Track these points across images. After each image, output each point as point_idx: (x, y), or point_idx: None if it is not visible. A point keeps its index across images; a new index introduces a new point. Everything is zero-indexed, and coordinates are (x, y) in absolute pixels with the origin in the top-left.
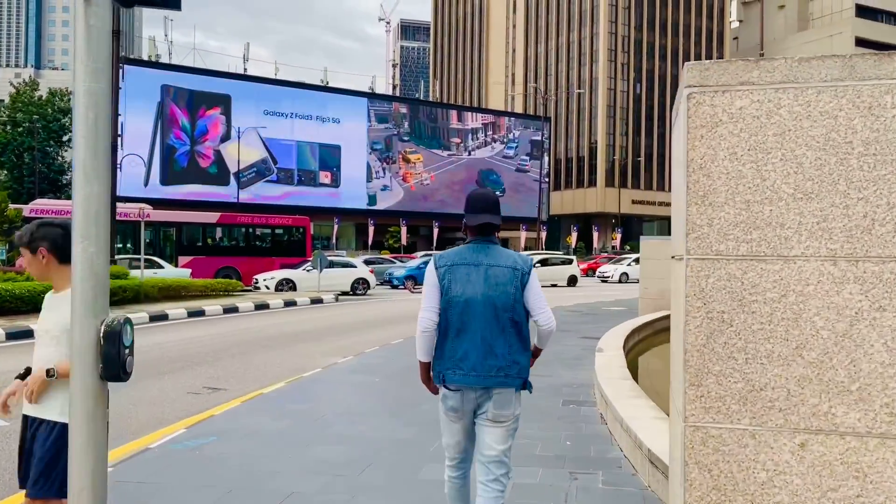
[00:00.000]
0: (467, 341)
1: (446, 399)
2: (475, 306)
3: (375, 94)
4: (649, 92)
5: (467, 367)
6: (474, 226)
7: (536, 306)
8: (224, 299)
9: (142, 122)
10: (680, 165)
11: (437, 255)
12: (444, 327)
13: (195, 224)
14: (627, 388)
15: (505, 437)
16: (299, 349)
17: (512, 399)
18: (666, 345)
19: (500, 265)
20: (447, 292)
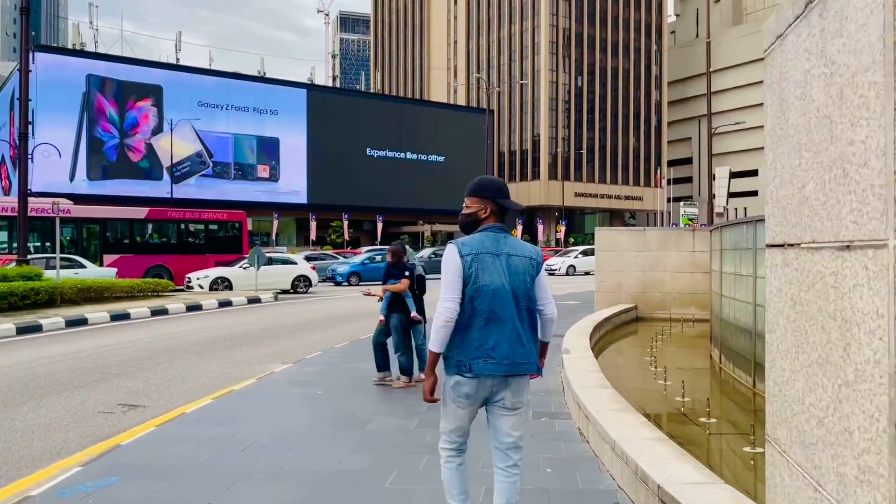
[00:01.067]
0: (498, 330)
1: (460, 386)
2: (504, 295)
3: (315, 85)
4: (590, 84)
5: (500, 355)
6: (502, 209)
7: (543, 296)
8: (152, 300)
9: (66, 114)
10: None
11: (459, 243)
12: (468, 316)
13: (121, 220)
14: (608, 399)
15: (521, 422)
16: (233, 355)
17: (527, 385)
18: (628, 339)
19: (519, 255)
20: (475, 281)
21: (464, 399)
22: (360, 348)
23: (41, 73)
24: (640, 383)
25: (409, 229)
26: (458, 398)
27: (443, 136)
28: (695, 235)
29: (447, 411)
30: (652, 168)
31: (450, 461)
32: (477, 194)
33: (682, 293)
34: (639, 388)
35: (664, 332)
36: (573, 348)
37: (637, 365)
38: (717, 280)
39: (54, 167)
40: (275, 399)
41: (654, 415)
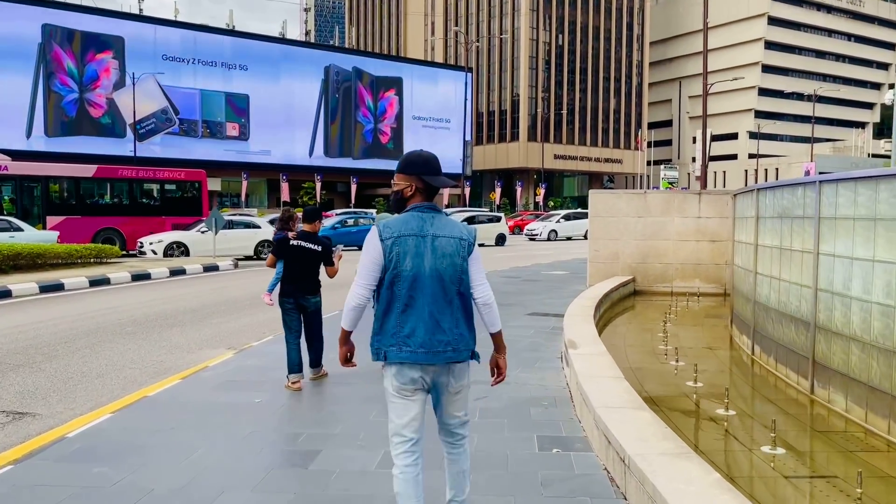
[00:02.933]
0: (414, 317)
1: (402, 374)
2: (423, 280)
3: (287, 39)
4: (571, 44)
5: (415, 343)
6: (433, 188)
7: (476, 278)
8: (94, 269)
9: (20, 67)
10: None
11: (381, 225)
12: (387, 302)
13: (66, 178)
14: (651, 431)
15: (465, 400)
16: (171, 338)
17: (466, 370)
18: (630, 317)
19: (446, 235)
20: (395, 266)
21: (410, 384)
22: (325, 332)
23: None
24: (662, 383)
25: (384, 191)
26: (404, 385)
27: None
28: (701, 199)
29: (392, 405)
30: (632, 130)
31: (406, 471)
32: (403, 171)
33: (686, 264)
34: (664, 391)
35: (670, 309)
36: (579, 339)
37: (650, 353)
38: (747, 253)
39: (9, 123)
40: (196, 413)
41: (705, 448)
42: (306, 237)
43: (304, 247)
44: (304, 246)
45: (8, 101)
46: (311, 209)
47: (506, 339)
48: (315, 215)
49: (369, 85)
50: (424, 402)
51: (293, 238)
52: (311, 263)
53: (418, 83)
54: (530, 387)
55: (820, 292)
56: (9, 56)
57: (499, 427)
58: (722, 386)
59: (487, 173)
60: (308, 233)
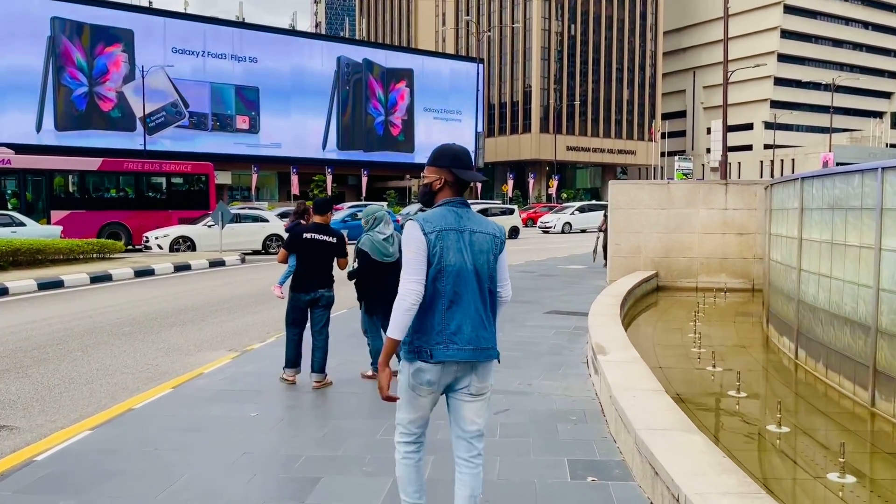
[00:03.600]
0: (460, 313)
1: (421, 373)
2: (466, 275)
3: (296, 31)
4: (584, 35)
5: (462, 340)
6: (459, 181)
7: (502, 277)
8: (96, 264)
9: (30, 60)
10: None
11: (421, 219)
12: (430, 299)
13: (71, 172)
14: (707, 462)
15: (485, 408)
16: (169, 339)
17: (492, 370)
18: (655, 314)
19: (482, 231)
20: (439, 261)
21: (426, 386)
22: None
23: (2, 15)
24: (701, 391)
25: (395, 184)
26: (420, 386)
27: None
28: (728, 190)
29: (406, 400)
30: (646, 121)
31: (408, 457)
32: (433, 163)
33: (712, 258)
34: (704, 401)
35: (698, 307)
36: (607, 342)
37: (683, 357)
38: (788, 248)
39: (19, 117)
40: (184, 430)
41: (766, 474)
42: (320, 229)
43: (318, 240)
44: (318, 239)
45: (17, 96)
46: (322, 200)
47: (522, 343)
48: (327, 206)
49: (380, 77)
50: (436, 401)
51: (306, 231)
52: (326, 256)
53: (430, 75)
54: (555, 398)
55: (882, 293)
56: (19, 50)
57: (523, 448)
58: (766, 395)
59: (499, 165)
60: (321, 224)
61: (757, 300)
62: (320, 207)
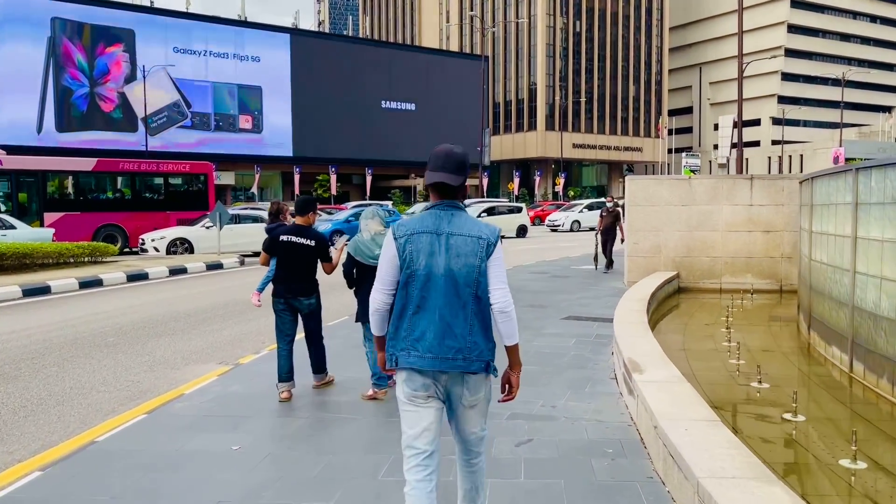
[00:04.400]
0: (425, 319)
1: (412, 380)
2: (436, 280)
3: (299, 29)
4: (589, 31)
5: (423, 347)
6: (429, 185)
7: (494, 281)
8: (87, 269)
9: (30, 61)
10: None
11: (395, 225)
12: (402, 304)
13: (64, 172)
14: None
15: (483, 414)
16: (155, 350)
17: (483, 381)
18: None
19: (462, 234)
20: (409, 265)
21: (421, 390)
22: (328, 341)
23: (1, 15)
24: (754, 415)
25: (399, 183)
26: (413, 394)
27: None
28: (753, 185)
29: (404, 414)
30: (652, 118)
31: (418, 486)
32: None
33: (737, 258)
34: (759, 431)
35: (727, 311)
36: (641, 357)
37: (722, 370)
38: (838, 248)
39: (20, 118)
40: (151, 469)
41: None
42: (297, 231)
43: (294, 242)
44: (294, 241)
45: (18, 97)
46: (303, 199)
47: (542, 354)
48: (308, 206)
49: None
50: (440, 413)
51: (284, 233)
52: (304, 261)
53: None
54: (585, 423)
55: None
56: (19, 50)
57: (554, 495)
58: (825, 418)
59: (504, 163)
60: (300, 226)
61: (787, 302)
62: (300, 208)
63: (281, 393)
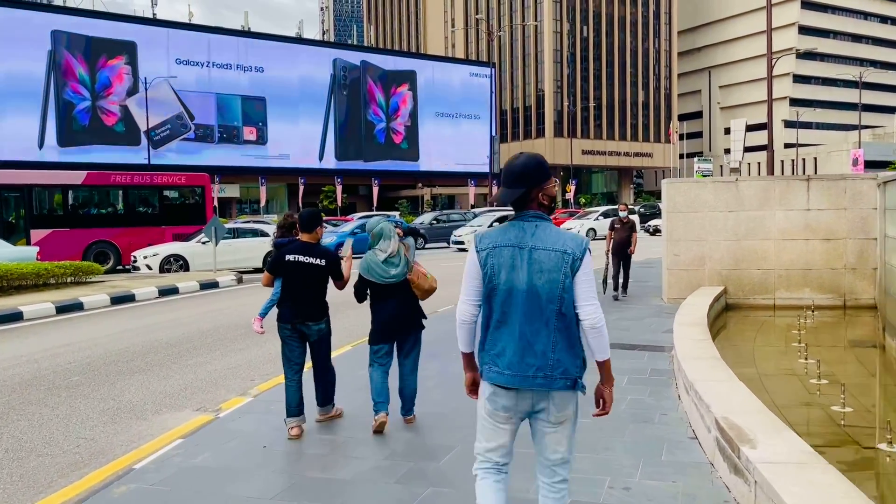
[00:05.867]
0: (506, 335)
1: (496, 398)
2: (517, 295)
3: (303, 39)
4: (596, 35)
5: (502, 364)
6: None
7: (582, 297)
8: (69, 290)
9: (31, 75)
10: None
11: (479, 236)
12: (485, 318)
13: (52, 187)
14: None
15: (570, 435)
16: (122, 392)
17: (570, 399)
18: (732, 341)
19: (546, 248)
20: (491, 279)
21: (502, 411)
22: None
23: (1, 29)
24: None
25: (407, 193)
26: (496, 411)
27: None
28: (810, 187)
29: (483, 426)
30: (662, 123)
31: (486, 476)
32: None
33: (792, 269)
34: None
35: (798, 332)
36: (743, 419)
37: (827, 421)
38: None
39: (21, 134)
40: None
41: None
42: (305, 249)
43: (302, 262)
44: (301, 261)
45: (19, 111)
46: (309, 213)
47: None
48: (314, 221)
49: (380, 80)
50: (516, 430)
51: (290, 252)
52: (313, 282)
53: (439, 80)
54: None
55: None
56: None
57: None
58: None
59: None
60: (307, 244)
61: (856, 320)
62: (306, 223)
63: (290, 429)
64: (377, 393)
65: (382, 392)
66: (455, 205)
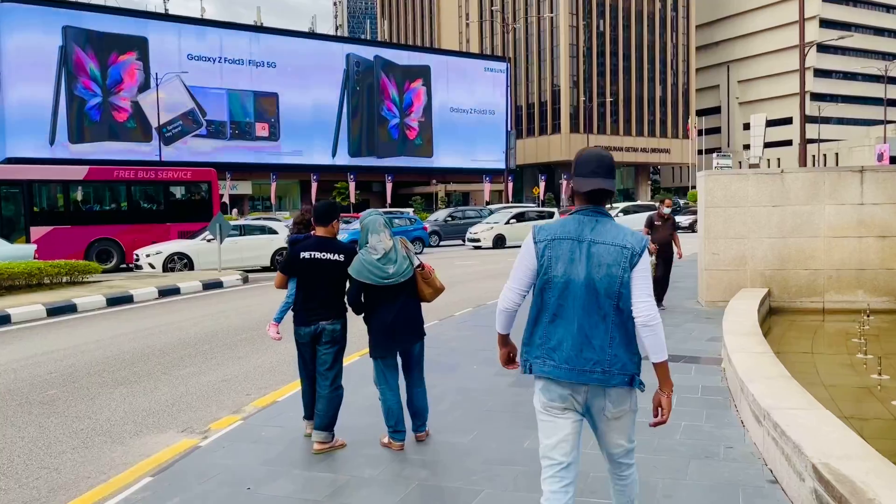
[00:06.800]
0: (563, 328)
1: (548, 390)
2: (575, 289)
3: (316, 34)
4: (613, 30)
5: (559, 358)
6: (584, 192)
7: (637, 293)
8: (64, 291)
9: (42, 71)
10: None
11: (537, 228)
12: (537, 310)
13: (52, 182)
14: None
15: (631, 426)
16: (102, 407)
17: (627, 394)
18: (788, 351)
19: (606, 242)
20: (546, 271)
21: (558, 401)
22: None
23: (12, 25)
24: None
25: (421, 190)
26: (550, 403)
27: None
28: (864, 179)
29: (541, 423)
30: (679, 118)
31: (552, 498)
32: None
33: (844, 270)
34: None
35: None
36: (848, 467)
37: None
38: None
39: (32, 130)
40: None
41: None
42: (322, 245)
43: (319, 259)
44: (319, 259)
45: (30, 108)
46: (324, 206)
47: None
48: (331, 214)
49: (393, 75)
50: (579, 425)
51: (305, 249)
52: (331, 280)
53: (453, 75)
54: None
55: None
56: (31, 61)
57: None
58: None
59: (528, 168)
60: (324, 239)
61: None
62: (322, 216)
63: (307, 429)
64: (396, 420)
65: (402, 419)
66: (469, 201)
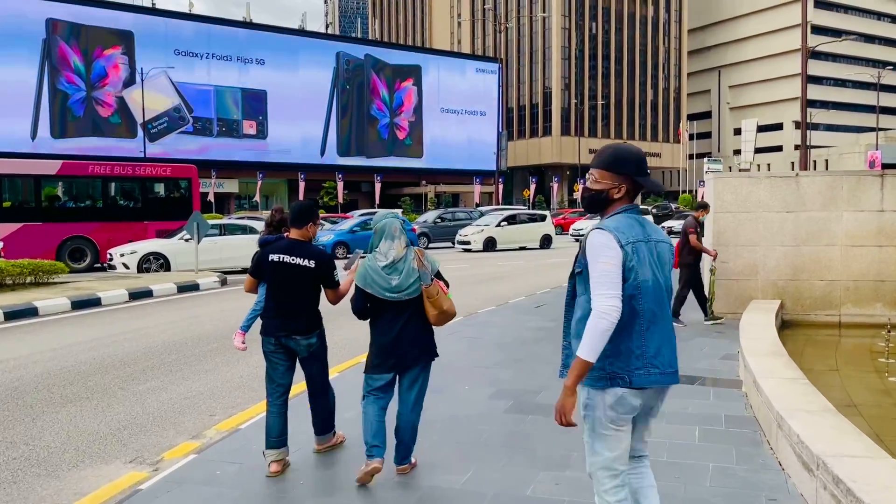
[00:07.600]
0: (659, 334)
1: (625, 403)
2: (660, 293)
3: (305, 31)
4: (605, 33)
5: (664, 364)
6: (636, 191)
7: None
8: (26, 292)
9: (24, 64)
10: None
11: (613, 229)
12: (625, 319)
13: (22, 177)
14: None
15: (653, 425)
16: (42, 431)
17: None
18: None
19: (662, 240)
20: (635, 277)
21: (631, 412)
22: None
23: None
24: None
25: (410, 191)
26: (624, 414)
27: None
28: (885, 184)
29: (605, 437)
30: (671, 122)
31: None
32: (611, 169)
33: (862, 281)
34: None
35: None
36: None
37: None
38: None
39: (13, 124)
40: None
41: None
42: (293, 248)
43: (288, 263)
44: (288, 262)
45: (11, 101)
46: (302, 206)
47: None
48: (305, 216)
49: (383, 75)
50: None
51: (274, 251)
52: (303, 287)
53: (445, 75)
54: None
55: None
56: (12, 54)
57: None
58: None
59: (518, 170)
60: (296, 242)
61: None
62: (298, 217)
63: (269, 464)
64: (372, 434)
65: (379, 433)
66: (459, 203)
